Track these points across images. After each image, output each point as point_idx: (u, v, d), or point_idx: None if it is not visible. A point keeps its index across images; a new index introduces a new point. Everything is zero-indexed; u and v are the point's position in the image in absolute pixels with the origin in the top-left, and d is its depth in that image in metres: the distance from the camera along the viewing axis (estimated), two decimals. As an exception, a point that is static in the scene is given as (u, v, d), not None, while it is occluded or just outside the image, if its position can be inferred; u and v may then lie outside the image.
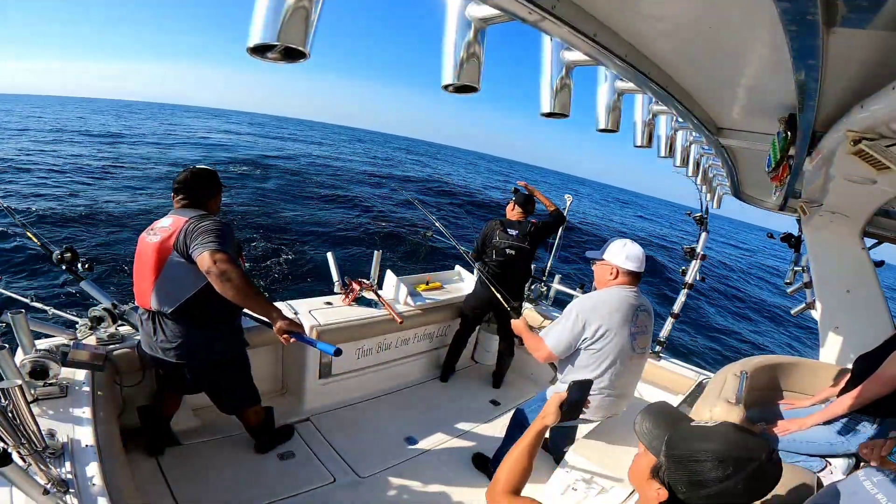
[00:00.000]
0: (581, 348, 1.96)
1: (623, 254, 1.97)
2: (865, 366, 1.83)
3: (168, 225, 1.88)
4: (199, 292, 1.86)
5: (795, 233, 3.46)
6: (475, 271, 3.43)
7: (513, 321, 2.25)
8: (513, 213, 3.37)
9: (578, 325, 1.91)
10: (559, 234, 3.85)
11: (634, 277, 2.00)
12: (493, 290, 2.81)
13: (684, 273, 3.43)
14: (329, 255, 3.30)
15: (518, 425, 2.28)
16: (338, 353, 1.78)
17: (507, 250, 3.23)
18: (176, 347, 1.92)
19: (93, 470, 1.40)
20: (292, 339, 1.76)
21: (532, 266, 3.57)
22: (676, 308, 3.41)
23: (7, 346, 1.47)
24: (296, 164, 22.02)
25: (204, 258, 1.68)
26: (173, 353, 1.93)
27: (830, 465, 1.95)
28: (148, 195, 12.63)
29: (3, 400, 1.16)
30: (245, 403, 2.25)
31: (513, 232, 3.27)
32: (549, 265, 4.02)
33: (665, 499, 0.87)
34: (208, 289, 1.79)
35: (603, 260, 2.02)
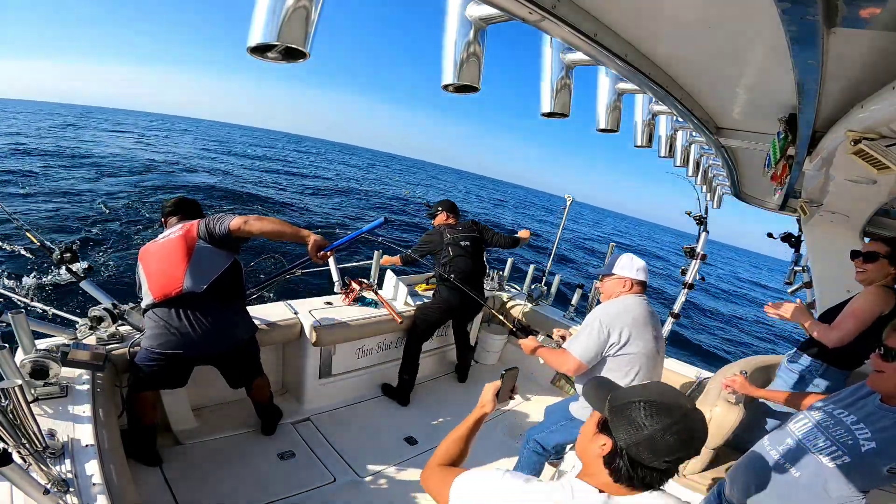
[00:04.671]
0: (609, 356, 1.97)
1: (633, 267, 2.07)
2: (828, 320, 2.01)
3: (179, 227, 2.08)
4: (225, 271, 2.05)
5: (791, 232, 3.47)
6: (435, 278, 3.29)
7: (521, 341, 2.23)
8: (448, 220, 3.34)
9: (604, 333, 1.94)
10: (558, 237, 3.90)
11: (643, 287, 2.11)
12: (461, 291, 2.83)
13: (684, 273, 3.43)
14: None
15: (537, 451, 2.16)
16: (387, 220, 2.12)
17: (462, 242, 3.18)
18: (220, 330, 2.07)
19: (93, 469, 1.40)
20: (329, 253, 2.03)
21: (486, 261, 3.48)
22: (676, 308, 3.41)
23: (7, 346, 1.46)
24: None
25: (235, 220, 1.98)
26: (217, 337, 2.06)
27: None
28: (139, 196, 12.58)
29: (3, 400, 1.16)
30: (256, 374, 2.40)
31: (458, 228, 3.26)
32: (548, 265, 4.02)
33: (609, 450, 0.93)
34: (231, 269, 2.07)
35: (613, 275, 2.09)
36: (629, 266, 2.08)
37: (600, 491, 0.93)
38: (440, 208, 3.39)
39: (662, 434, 0.86)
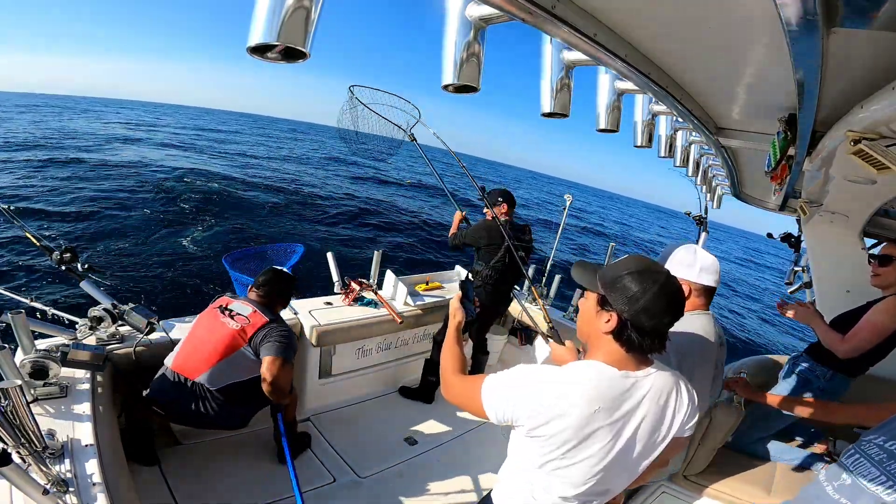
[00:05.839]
0: None
1: (697, 264, 1.45)
2: (840, 326, 2.01)
3: (247, 315, 2.11)
4: (248, 380, 2.06)
5: (792, 233, 3.47)
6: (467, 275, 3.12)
7: (557, 347, 1.57)
8: (505, 214, 3.10)
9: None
10: (558, 237, 3.89)
11: (711, 296, 1.49)
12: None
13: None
14: (329, 255, 3.30)
15: None
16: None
17: (520, 252, 2.98)
18: (209, 418, 2.04)
19: (92, 469, 1.40)
20: None
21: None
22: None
23: (7, 346, 1.46)
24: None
25: (266, 361, 2.01)
26: (202, 420, 2.05)
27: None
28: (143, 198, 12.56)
29: (3, 400, 1.16)
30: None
31: (519, 233, 3.08)
32: (547, 267, 4.02)
33: (616, 323, 0.99)
34: (257, 378, 2.04)
35: None
36: (689, 263, 1.44)
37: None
38: (500, 199, 3.05)
39: (654, 298, 0.95)
